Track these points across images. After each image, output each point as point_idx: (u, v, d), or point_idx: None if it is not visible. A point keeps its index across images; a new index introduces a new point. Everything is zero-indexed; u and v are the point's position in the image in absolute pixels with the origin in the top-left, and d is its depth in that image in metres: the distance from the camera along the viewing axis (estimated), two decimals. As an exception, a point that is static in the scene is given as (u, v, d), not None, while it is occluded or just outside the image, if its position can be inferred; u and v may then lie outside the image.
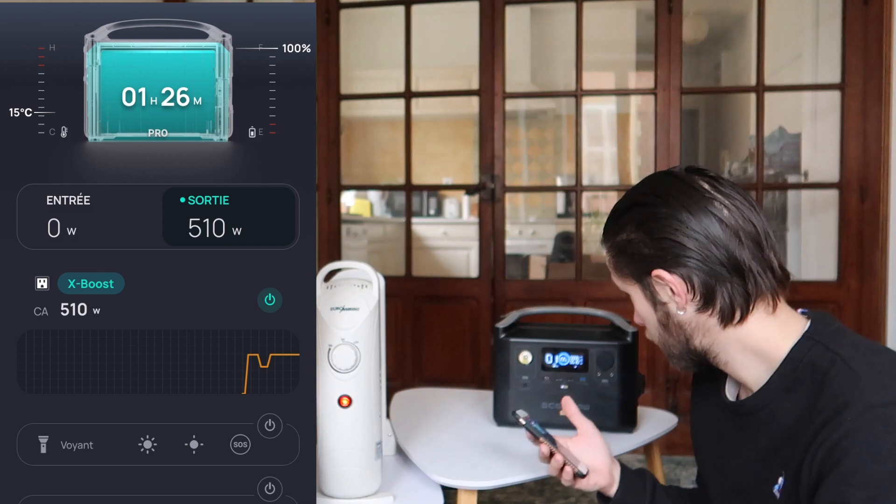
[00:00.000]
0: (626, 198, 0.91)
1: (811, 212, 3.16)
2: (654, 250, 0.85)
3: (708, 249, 0.82)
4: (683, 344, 0.89)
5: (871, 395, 0.72)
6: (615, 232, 0.90)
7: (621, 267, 0.91)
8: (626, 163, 5.54)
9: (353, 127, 5.64)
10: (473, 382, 2.77)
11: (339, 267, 1.15)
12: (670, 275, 0.84)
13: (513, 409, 1.06)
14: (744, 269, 0.82)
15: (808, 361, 0.80)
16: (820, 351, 0.80)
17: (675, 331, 0.89)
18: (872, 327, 2.53)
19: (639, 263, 0.87)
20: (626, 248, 0.88)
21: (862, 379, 0.74)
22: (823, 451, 0.73)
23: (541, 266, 4.74)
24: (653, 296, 0.89)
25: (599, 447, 1.03)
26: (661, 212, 0.85)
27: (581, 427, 1.05)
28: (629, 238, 0.88)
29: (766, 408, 0.84)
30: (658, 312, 0.90)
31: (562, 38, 4.94)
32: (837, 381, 0.76)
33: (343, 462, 1.06)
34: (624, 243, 0.89)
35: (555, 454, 0.99)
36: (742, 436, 0.90)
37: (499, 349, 1.41)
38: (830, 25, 2.88)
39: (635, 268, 0.89)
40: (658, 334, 0.92)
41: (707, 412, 1.00)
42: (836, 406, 0.74)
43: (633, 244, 0.87)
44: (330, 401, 1.05)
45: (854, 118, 2.54)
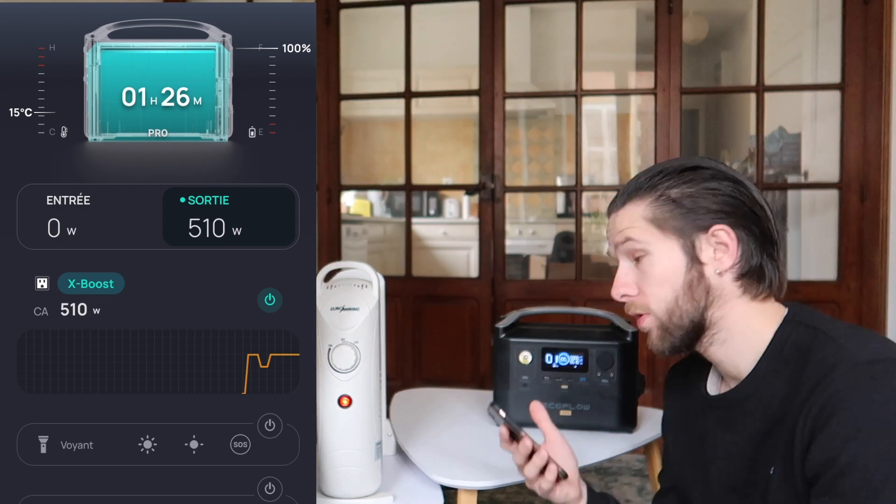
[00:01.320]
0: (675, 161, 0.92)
1: (811, 212, 3.16)
2: (721, 206, 0.86)
3: (764, 219, 0.87)
4: (698, 312, 0.87)
5: (854, 355, 0.75)
6: (672, 185, 0.88)
7: (666, 220, 0.87)
8: (626, 163, 5.54)
9: (353, 127, 5.64)
10: (473, 382, 2.77)
11: (339, 267, 1.15)
12: (733, 231, 0.85)
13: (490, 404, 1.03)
14: (778, 245, 0.88)
15: (793, 342, 0.83)
16: (802, 330, 0.83)
17: (699, 296, 0.86)
18: (872, 327, 2.52)
19: (696, 216, 0.86)
20: (684, 201, 0.87)
21: (844, 344, 0.78)
22: (814, 412, 0.75)
23: (541, 266, 4.74)
24: (693, 253, 0.87)
25: (569, 457, 1.01)
26: (724, 174, 0.88)
27: (550, 434, 1.02)
28: (692, 192, 0.87)
29: (755, 395, 0.85)
30: (690, 273, 0.87)
31: (562, 38, 4.95)
32: (821, 351, 0.79)
33: (343, 462, 1.06)
34: (683, 196, 0.87)
35: (537, 451, 0.96)
36: (728, 431, 0.90)
37: (499, 349, 1.41)
38: (830, 25, 2.88)
39: (690, 221, 0.86)
40: (674, 298, 0.87)
41: (685, 414, 1.00)
42: (823, 370, 0.76)
43: (693, 198, 0.87)
44: (330, 401, 1.05)
45: (854, 118, 2.54)
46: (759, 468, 0.84)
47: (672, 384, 1.07)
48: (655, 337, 0.90)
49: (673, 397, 1.06)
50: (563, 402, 1.37)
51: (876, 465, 0.70)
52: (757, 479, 0.85)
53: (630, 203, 0.91)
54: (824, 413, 0.74)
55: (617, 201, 0.93)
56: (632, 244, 0.89)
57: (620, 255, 0.92)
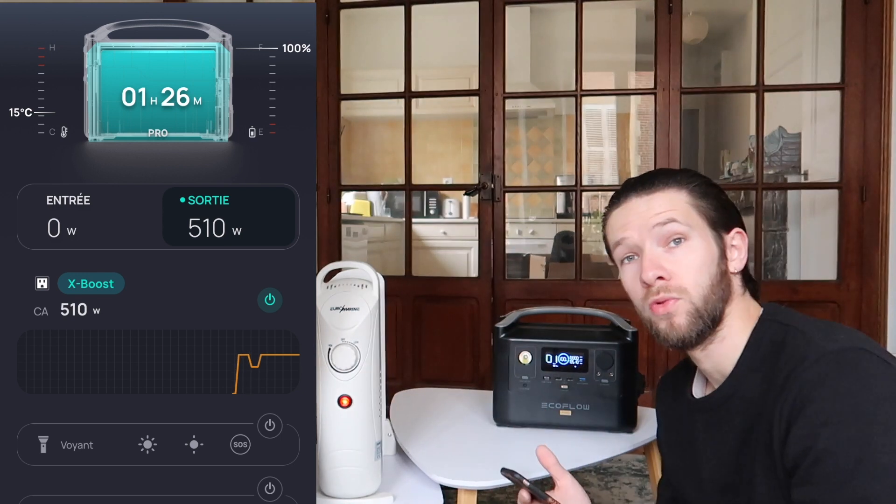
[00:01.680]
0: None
1: (811, 212, 3.16)
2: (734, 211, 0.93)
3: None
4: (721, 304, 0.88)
5: (822, 346, 0.78)
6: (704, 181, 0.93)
7: (707, 210, 0.91)
8: (626, 163, 5.54)
9: (353, 127, 5.64)
10: (473, 382, 2.77)
11: (339, 267, 1.15)
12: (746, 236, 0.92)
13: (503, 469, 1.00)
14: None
15: (768, 340, 0.86)
16: (776, 328, 0.86)
17: (724, 287, 0.89)
18: (872, 327, 2.53)
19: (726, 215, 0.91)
20: (720, 196, 0.92)
21: (813, 336, 0.80)
22: (788, 404, 0.77)
23: (541, 266, 4.74)
24: (722, 247, 0.90)
25: (582, 499, 0.99)
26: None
27: (560, 480, 1.00)
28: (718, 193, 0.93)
29: (736, 394, 0.87)
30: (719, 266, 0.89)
31: (562, 38, 4.95)
32: (792, 344, 0.82)
33: (343, 462, 1.06)
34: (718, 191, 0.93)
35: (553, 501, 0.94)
36: (715, 433, 0.91)
37: (499, 349, 1.41)
38: (830, 25, 2.88)
39: (722, 216, 0.91)
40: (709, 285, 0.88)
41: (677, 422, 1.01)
42: (794, 362, 0.79)
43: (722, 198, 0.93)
44: (330, 401, 1.05)
45: (854, 118, 2.54)
46: (745, 465, 0.85)
47: (662, 395, 1.08)
48: (684, 322, 0.87)
49: (664, 406, 1.07)
50: (563, 402, 1.37)
51: (847, 451, 0.71)
52: (743, 477, 0.86)
53: (668, 187, 0.91)
54: (797, 404, 0.76)
55: (645, 184, 0.92)
56: (675, 226, 0.89)
57: (651, 238, 0.90)
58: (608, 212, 0.98)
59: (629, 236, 0.92)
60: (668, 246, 0.89)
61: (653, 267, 0.88)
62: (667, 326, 0.89)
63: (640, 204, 0.91)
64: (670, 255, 0.89)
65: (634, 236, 0.91)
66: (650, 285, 0.89)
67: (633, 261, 0.93)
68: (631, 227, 0.91)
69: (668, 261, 0.88)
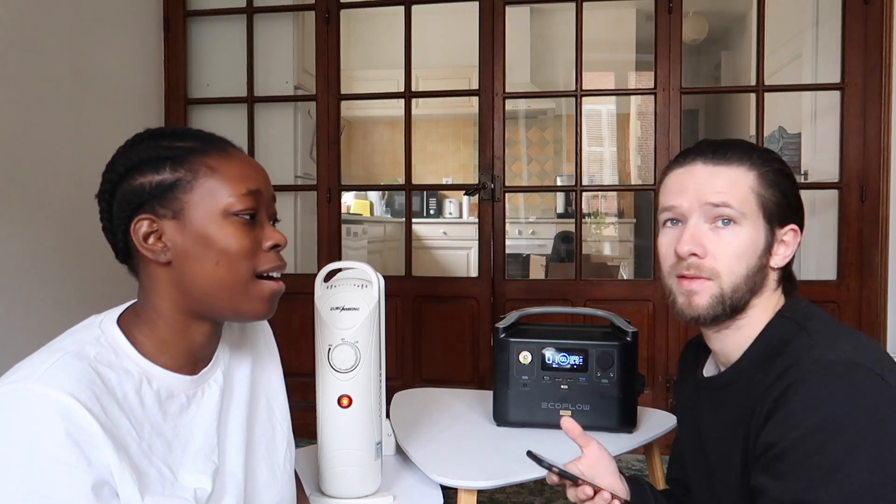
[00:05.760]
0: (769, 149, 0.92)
1: (811, 212, 3.15)
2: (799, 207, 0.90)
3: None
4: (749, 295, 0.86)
5: (819, 353, 0.77)
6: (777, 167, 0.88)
7: (768, 201, 0.86)
8: (626, 163, 5.54)
9: (353, 127, 5.64)
10: (473, 382, 2.77)
11: (339, 267, 1.15)
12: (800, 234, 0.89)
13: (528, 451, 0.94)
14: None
15: (779, 337, 0.85)
16: (788, 325, 0.85)
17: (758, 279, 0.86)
18: (872, 327, 2.53)
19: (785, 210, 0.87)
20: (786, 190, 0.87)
21: (817, 341, 0.79)
22: (770, 401, 0.77)
23: (541, 266, 4.74)
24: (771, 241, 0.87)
25: (609, 463, 0.98)
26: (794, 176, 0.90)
27: (587, 447, 0.97)
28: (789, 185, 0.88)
29: (736, 383, 0.88)
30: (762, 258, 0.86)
31: (562, 38, 4.95)
32: (795, 345, 0.81)
33: (343, 462, 1.06)
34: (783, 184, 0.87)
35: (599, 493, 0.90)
36: (715, 411, 0.92)
37: (499, 349, 1.41)
38: (830, 25, 2.88)
39: (781, 211, 0.87)
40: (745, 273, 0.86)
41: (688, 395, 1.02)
42: (787, 364, 0.78)
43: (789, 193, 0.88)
44: (330, 401, 1.05)
45: (854, 118, 2.54)
46: (728, 454, 0.87)
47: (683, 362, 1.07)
48: (704, 303, 0.86)
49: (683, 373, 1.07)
50: (563, 402, 1.37)
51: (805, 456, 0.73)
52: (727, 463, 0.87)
53: (738, 165, 0.86)
54: (777, 404, 0.76)
55: (717, 153, 0.88)
56: (727, 210, 0.85)
57: (700, 213, 0.87)
58: (669, 168, 0.93)
59: (679, 205, 0.88)
60: (715, 224, 0.86)
61: (692, 242, 0.86)
62: (684, 302, 0.88)
63: (703, 174, 0.87)
64: (714, 234, 0.86)
65: (685, 205, 0.87)
66: (683, 258, 0.87)
67: (676, 226, 0.89)
68: (685, 196, 0.88)
69: (711, 240, 0.86)
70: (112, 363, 0.73)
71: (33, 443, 0.64)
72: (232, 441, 0.84)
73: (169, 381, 0.77)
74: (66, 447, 0.64)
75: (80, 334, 0.75)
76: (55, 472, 0.64)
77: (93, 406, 0.67)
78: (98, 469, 0.66)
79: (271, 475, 0.89)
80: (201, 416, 0.80)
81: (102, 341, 0.74)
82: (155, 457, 0.73)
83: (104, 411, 0.68)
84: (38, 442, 0.64)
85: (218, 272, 0.76)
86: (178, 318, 0.78)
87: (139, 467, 0.70)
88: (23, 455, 0.63)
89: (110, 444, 0.67)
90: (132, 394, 0.73)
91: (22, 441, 0.64)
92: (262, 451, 0.88)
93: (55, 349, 0.71)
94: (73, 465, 0.64)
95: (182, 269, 0.76)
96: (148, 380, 0.75)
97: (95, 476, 0.66)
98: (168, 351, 0.77)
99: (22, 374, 0.67)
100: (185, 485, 0.75)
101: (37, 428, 0.64)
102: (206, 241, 0.76)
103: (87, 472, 0.65)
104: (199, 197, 0.76)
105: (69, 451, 0.64)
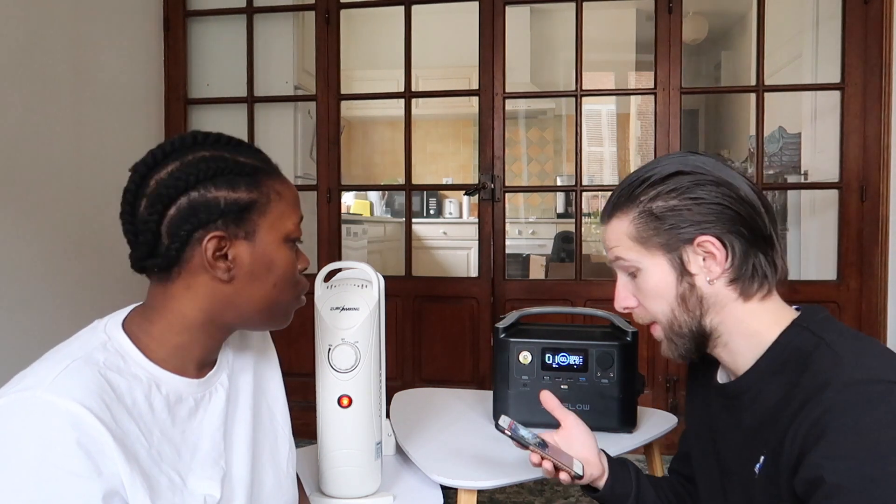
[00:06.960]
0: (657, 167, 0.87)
1: (811, 212, 3.16)
2: (700, 216, 0.83)
3: (752, 218, 0.84)
4: (696, 322, 0.86)
5: (851, 373, 0.74)
6: (653, 197, 0.85)
7: (650, 237, 0.85)
8: (626, 163, 5.54)
9: (353, 127, 5.64)
10: (473, 382, 2.77)
11: (339, 267, 1.15)
12: (719, 240, 0.83)
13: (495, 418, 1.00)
14: (774, 242, 0.86)
15: (795, 346, 0.82)
16: (807, 336, 0.82)
17: (693, 306, 0.86)
18: (872, 327, 2.53)
19: (679, 231, 0.84)
20: (666, 215, 0.84)
21: (843, 359, 0.76)
22: (804, 428, 0.74)
23: (541, 266, 4.74)
24: (682, 267, 0.85)
25: (586, 437, 1.02)
26: (706, 178, 0.84)
27: (564, 420, 1.03)
28: (671, 205, 0.84)
29: (751, 390, 0.86)
30: (682, 286, 0.86)
31: (562, 38, 4.95)
32: (819, 362, 0.77)
33: (343, 462, 1.06)
34: (663, 210, 0.84)
35: (545, 459, 0.96)
36: (729, 418, 0.91)
37: (499, 349, 1.41)
38: (830, 25, 2.88)
39: (673, 235, 0.84)
40: (670, 311, 0.87)
41: (700, 397, 1.01)
42: (818, 384, 0.75)
43: (675, 211, 0.84)
44: (330, 401, 1.05)
45: (854, 118, 2.54)
46: (744, 462, 0.85)
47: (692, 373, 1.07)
48: (664, 346, 0.90)
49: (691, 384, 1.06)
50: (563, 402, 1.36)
51: (861, 489, 0.69)
52: (741, 471, 0.86)
53: (615, 218, 0.90)
54: (815, 431, 0.72)
55: (603, 214, 0.92)
56: (622, 263, 0.90)
57: (616, 269, 0.92)
58: None
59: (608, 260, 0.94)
60: (630, 274, 0.90)
61: (619, 299, 0.91)
62: (663, 347, 0.91)
63: (602, 234, 0.93)
64: (634, 284, 0.90)
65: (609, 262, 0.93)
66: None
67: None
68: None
69: (634, 288, 0.90)
70: (121, 369, 0.72)
71: (44, 453, 0.63)
72: (238, 445, 0.83)
73: (177, 385, 0.76)
74: (76, 457, 0.64)
75: (87, 339, 0.74)
76: (65, 482, 0.63)
77: (103, 415, 0.66)
78: (109, 479, 0.66)
79: (276, 479, 0.89)
80: (208, 421, 0.80)
81: (109, 347, 0.73)
82: (164, 463, 0.73)
83: (114, 419, 0.68)
84: (48, 452, 0.63)
85: (273, 294, 0.79)
86: (205, 326, 0.77)
87: (149, 475, 0.70)
88: (33, 465, 0.63)
89: (121, 453, 0.67)
90: (142, 399, 0.72)
91: (32, 451, 0.63)
92: (266, 455, 0.88)
93: (63, 355, 0.70)
94: (84, 475, 0.64)
95: (239, 288, 0.76)
96: (157, 385, 0.74)
97: (106, 486, 0.65)
98: (180, 356, 0.77)
99: (31, 383, 0.66)
100: (194, 491, 0.75)
101: (47, 438, 0.64)
102: (271, 264, 0.77)
103: (97, 482, 0.65)
104: (270, 221, 0.77)
105: (80, 461, 0.64)
